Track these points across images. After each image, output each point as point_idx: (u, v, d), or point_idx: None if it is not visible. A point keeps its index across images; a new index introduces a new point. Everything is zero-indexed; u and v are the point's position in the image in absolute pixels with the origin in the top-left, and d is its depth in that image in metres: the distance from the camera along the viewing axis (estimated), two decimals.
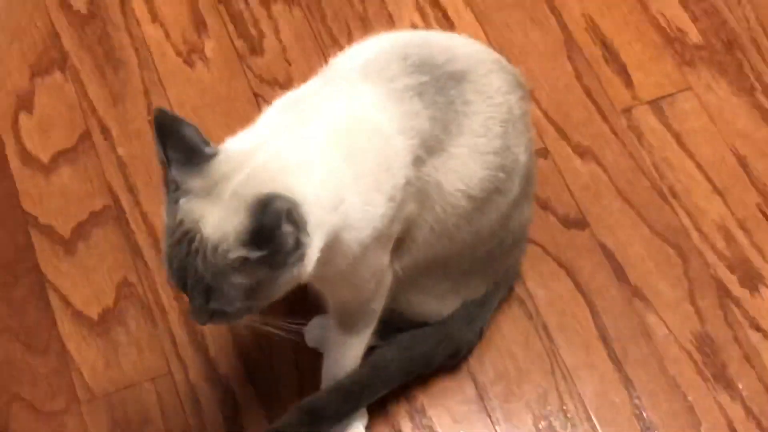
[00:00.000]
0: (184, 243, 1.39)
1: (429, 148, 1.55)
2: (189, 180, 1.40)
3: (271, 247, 1.36)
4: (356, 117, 1.52)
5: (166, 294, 1.92)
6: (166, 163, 1.41)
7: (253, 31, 2.17)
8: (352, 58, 1.63)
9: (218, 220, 1.38)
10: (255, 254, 1.37)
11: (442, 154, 1.57)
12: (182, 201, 1.40)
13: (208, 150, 1.41)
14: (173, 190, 1.41)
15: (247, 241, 1.36)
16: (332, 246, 1.46)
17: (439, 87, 1.57)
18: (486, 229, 1.71)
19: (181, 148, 1.40)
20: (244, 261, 1.37)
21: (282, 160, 1.43)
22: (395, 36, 1.68)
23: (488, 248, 1.76)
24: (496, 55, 1.72)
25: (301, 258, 1.40)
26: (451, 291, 1.81)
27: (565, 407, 1.84)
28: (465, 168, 1.59)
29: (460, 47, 1.67)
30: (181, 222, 1.40)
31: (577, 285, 1.94)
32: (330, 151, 1.46)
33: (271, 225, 1.34)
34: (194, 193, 1.40)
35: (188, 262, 1.40)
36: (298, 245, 1.38)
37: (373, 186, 1.49)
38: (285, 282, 1.42)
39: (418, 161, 1.54)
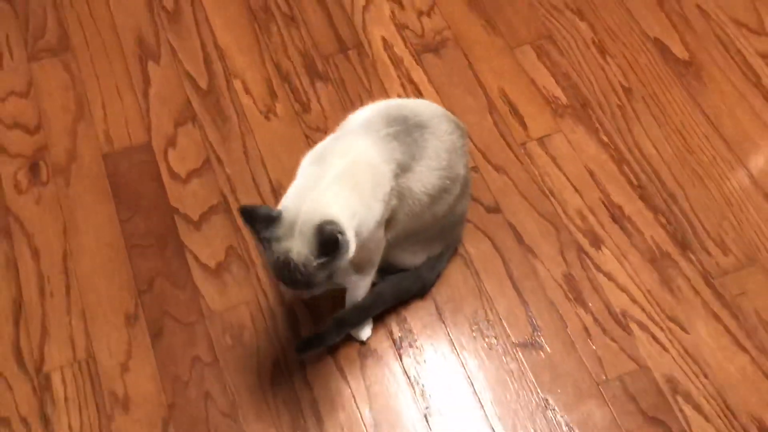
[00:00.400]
0: (285, 267, 1.43)
1: (403, 169, 1.57)
2: (271, 233, 1.44)
3: (335, 251, 1.41)
4: (357, 157, 1.54)
5: (255, 254, 1.92)
6: (255, 231, 1.45)
7: (304, 98, 2.15)
8: (357, 117, 1.64)
9: (298, 248, 1.43)
10: (325, 259, 1.42)
11: (411, 171, 1.58)
12: (273, 245, 1.44)
13: (275, 214, 1.44)
14: (266, 241, 1.45)
15: (319, 253, 1.41)
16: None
17: (408, 132, 1.59)
18: (440, 214, 1.72)
19: (260, 219, 1.44)
20: (321, 264, 1.42)
21: (318, 201, 1.46)
22: (383, 103, 1.68)
23: (442, 225, 1.77)
24: (445, 111, 1.72)
25: (348, 251, 1.44)
26: (420, 250, 1.81)
27: (488, 318, 1.85)
28: (425, 179, 1.61)
29: (423, 108, 1.68)
30: (278, 257, 1.44)
31: (495, 246, 1.94)
32: (344, 186, 1.49)
33: (332, 239, 1.40)
34: (277, 239, 1.44)
35: (291, 275, 1.44)
36: (347, 245, 1.43)
37: (371, 197, 1.52)
38: (344, 265, 1.47)
39: (396, 176, 1.56)
